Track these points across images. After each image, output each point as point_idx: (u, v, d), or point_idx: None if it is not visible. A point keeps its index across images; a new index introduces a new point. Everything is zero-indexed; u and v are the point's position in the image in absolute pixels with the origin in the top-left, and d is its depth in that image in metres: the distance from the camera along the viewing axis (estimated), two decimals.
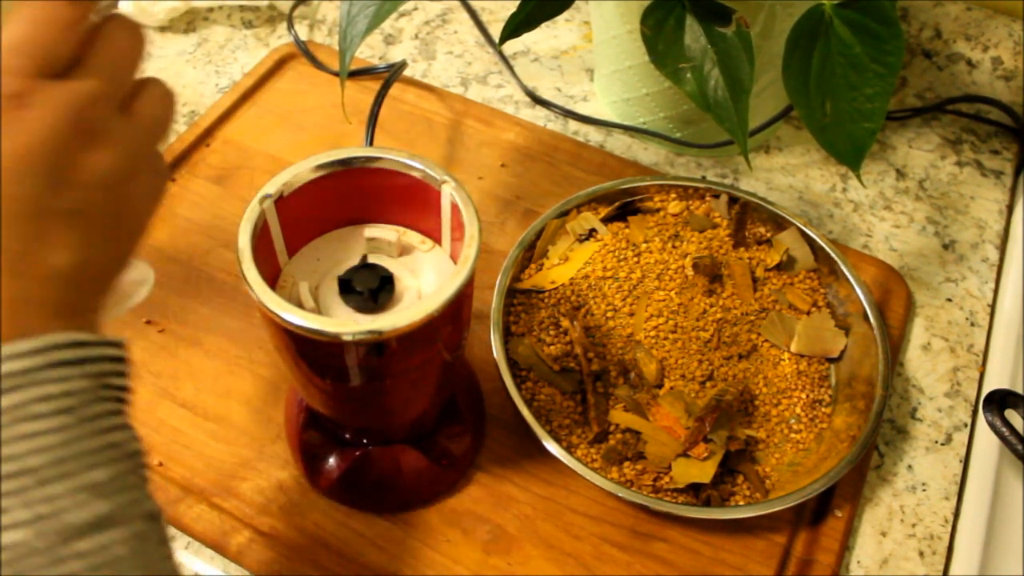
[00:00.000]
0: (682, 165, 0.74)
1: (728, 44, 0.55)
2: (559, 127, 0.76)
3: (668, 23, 0.56)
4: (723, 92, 0.55)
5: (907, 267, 0.68)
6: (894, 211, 0.72)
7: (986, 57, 0.75)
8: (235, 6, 0.85)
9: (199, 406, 0.58)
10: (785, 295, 0.61)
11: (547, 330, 0.58)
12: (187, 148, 0.72)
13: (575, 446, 0.54)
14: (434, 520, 0.54)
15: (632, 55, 0.69)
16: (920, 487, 0.57)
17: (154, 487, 0.55)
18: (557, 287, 0.60)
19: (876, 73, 0.53)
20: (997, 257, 0.69)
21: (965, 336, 0.64)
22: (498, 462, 0.56)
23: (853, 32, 0.53)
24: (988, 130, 0.78)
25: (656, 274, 0.61)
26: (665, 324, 0.58)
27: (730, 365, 0.58)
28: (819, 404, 0.58)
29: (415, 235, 0.49)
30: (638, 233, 0.63)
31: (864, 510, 0.56)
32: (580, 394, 0.56)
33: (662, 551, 0.53)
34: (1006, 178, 0.74)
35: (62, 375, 0.30)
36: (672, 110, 0.72)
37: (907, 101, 0.79)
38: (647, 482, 0.53)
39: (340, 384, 0.44)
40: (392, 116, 0.75)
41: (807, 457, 0.55)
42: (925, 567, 0.54)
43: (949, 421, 0.60)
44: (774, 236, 0.63)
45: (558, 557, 0.53)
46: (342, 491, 0.54)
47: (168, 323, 0.62)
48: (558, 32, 0.85)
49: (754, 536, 0.54)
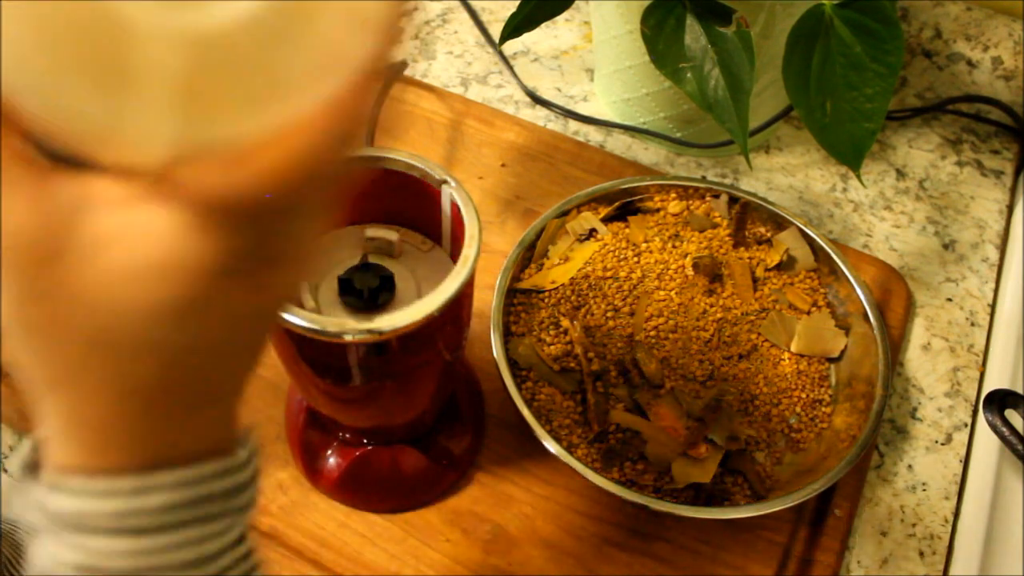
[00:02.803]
0: (682, 165, 0.74)
1: (728, 44, 0.55)
2: (559, 127, 0.76)
3: (668, 23, 0.56)
4: (723, 92, 0.55)
5: (907, 267, 0.68)
6: (894, 211, 0.72)
7: (986, 57, 0.75)
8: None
9: None
10: (785, 295, 0.61)
11: (547, 330, 0.58)
12: None
13: (575, 446, 0.54)
14: (434, 520, 0.54)
15: (632, 55, 0.69)
16: (920, 487, 0.57)
17: None
18: (557, 287, 0.60)
19: (876, 73, 0.53)
20: (997, 257, 0.69)
21: (965, 336, 0.64)
22: (498, 462, 0.56)
23: (853, 32, 0.53)
24: (988, 130, 0.78)
25: (656, 274, 0.61)
26: (665, 324, 0.58)
27: (730, 365, 0.58)
28: (819, 404, 0.58)
29: (415, 235, 0.49)
30: (638, 233, 0.63)
31: (864, 510, 0.56)
32: (580, 394, 0.56)
33: (662, 551, 0.53)
34: (1006, 178, 0.74)
35: (209, 513, 0.26)
36: (672, 110, 0.72)
37: (907, 101, 0.79)
38: (647, 482, 0.53)
39: (340, 384, 0.44)
40: (392, 116, 0.75)
41: (807, 457, 0.55)
42: (925, 567, 0.54)
43: (949, 421, 0.60)
44: (774, 236, 0.63)
45: (558, 557, 0.53)
46: (342, 491, 0.54)
47: None
48: (558, 32, 0.85)
49: (754, 536, 0.54)
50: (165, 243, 0.22)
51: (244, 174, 0.21)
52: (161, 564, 0.25)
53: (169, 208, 0.22)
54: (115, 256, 0.22)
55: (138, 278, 0.22)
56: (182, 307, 0.23)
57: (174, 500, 0.25)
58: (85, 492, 0.25)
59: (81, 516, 0.25)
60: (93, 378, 0.24)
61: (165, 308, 0.23)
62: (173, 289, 0.23)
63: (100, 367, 0.24)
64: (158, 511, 0.25)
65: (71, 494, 0.25)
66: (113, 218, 0.22)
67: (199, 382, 0.25)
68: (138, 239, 0.22)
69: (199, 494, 0.26)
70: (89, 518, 0.24)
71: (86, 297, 0.22)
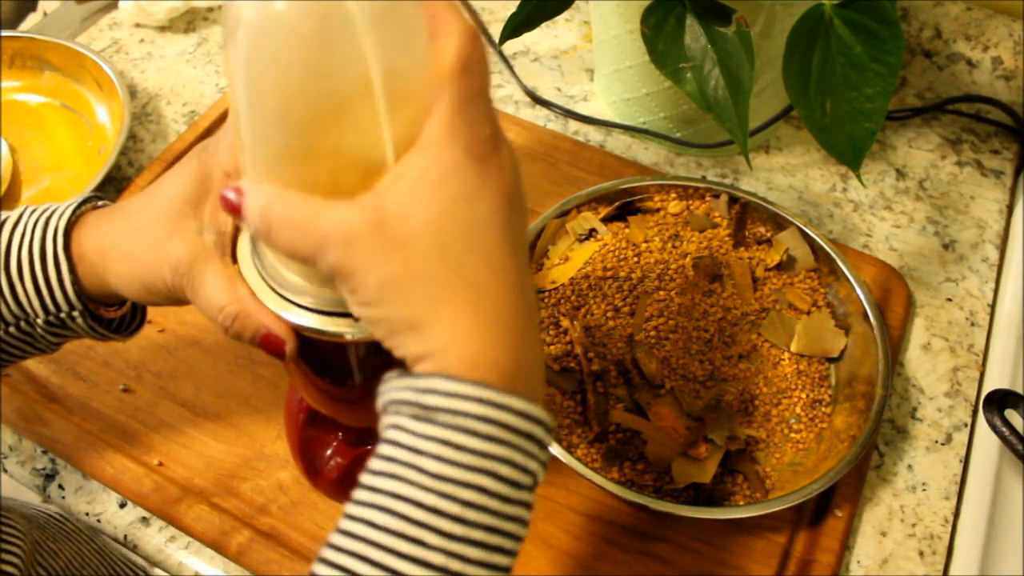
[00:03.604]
0: (682, 165, 0.74)
1: (728, 44, 0.55)
2: (559, 127, 0.76)
3: (668, 23, 0.56)
4: (723, 92, 0.55)
5: (907, 267, 0.68)
6: (894, 211, 0.72)
7: (986, 57, 0.75)
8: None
9: (199, 406, 0.58)
10: (785, 295, 0.61)
11: (547, 330, 0.58)
12: (187, 148, 0.72)
13: (575, 446, 0.54)
14: None
15: (632, 55, 0.69)
16: (920, 487, 0.57)
17: (154, 487, 0.55)
18: (557, 287, 0.60)
19: (876, 73, 0.53)
20: (997, 257, 0.69)
21: (965, 336, 0.64)
22: None
23: (853, 32, 0.53)
24: (988, 130, 0.77)
25: (656, 274, 0.61)
26: (665, 324, 0.58)
27: (730, 365, 0.58)
28: (819, 404, 0.58)
29: None
30: (638, 233, 0.63)
31: (864, 510, 0.56)
32: (580, 394, 0.56)
33: (662, 551, 0.53)
34: (1006, 178, 0.74)
35: (530, 451, 0.31)
36: (672, 110, 0.72)
37: (907, 101, 0.79)
38: (647, 482, 0.53)
39: (340, 384, 0.44)
40: None
41: (807, 457, 0.55)
42: (925, 567, 0.54)
43: (949, 421, 0.60)
44: (774, 236, 0.63)
45: (558, 557, 0.53)
46: (342, 491, 0.54)
47: (168, 323, 0.62)
48: (558, 32, 0.85)
49: (754, 536, 0.54)
50: (435, 160, 0.30)
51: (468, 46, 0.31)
52: (479, 467, 0.29)
53: (428, 140, 0.31)
54: (415, 192, 0.30)
55: (438, 192, 0.30)
56: (475, 188, 0.31)
57: (520, 426, 0.30)
58: (461, 391, 0.30)
59: (449, 408, 0.30)
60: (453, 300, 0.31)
61: (463, 196, 0.31)
62: (459, 183, 0.31)
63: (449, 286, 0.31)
64: (504, 427, 0.30)
65: (451, 385, 0.30)
66: (397, 180, 0.31)
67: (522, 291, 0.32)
68: (419, 174, 0.31)
69: (531, 431, 0.31)
70: (454, 413, 0.30)
71: (419, 228, 0.30)
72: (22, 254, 0.40)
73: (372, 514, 0.30)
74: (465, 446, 0.29)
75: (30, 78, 0.78)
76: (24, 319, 0.41)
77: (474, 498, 0.29)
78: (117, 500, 0.55)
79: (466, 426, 0.30)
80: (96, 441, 0.56)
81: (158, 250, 0.38)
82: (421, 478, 0.29)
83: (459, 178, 0.31)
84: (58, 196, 0.71)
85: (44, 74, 0.78)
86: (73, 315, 0.41)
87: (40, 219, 0.40)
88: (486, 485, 0.30)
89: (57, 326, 0.41)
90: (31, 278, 0.39)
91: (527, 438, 0.31)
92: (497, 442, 0.30)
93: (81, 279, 0.40)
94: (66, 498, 0.56)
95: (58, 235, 0.40)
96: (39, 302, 0.40)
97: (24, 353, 0.43)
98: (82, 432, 0.57)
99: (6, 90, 0.78)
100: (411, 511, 0.29)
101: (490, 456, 0.30)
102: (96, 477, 0.55)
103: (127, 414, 0.58)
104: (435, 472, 0.29)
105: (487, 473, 0.30)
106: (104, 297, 0.41)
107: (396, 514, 0.29)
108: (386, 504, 0.29)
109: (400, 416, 0.31)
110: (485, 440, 0.30)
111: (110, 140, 0.74)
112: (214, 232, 0.38)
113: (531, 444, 0.31)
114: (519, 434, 0.30)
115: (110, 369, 0.60)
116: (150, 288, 0.39)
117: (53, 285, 0.40)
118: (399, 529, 0.29)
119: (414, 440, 0.30)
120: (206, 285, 0.37)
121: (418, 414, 0.30)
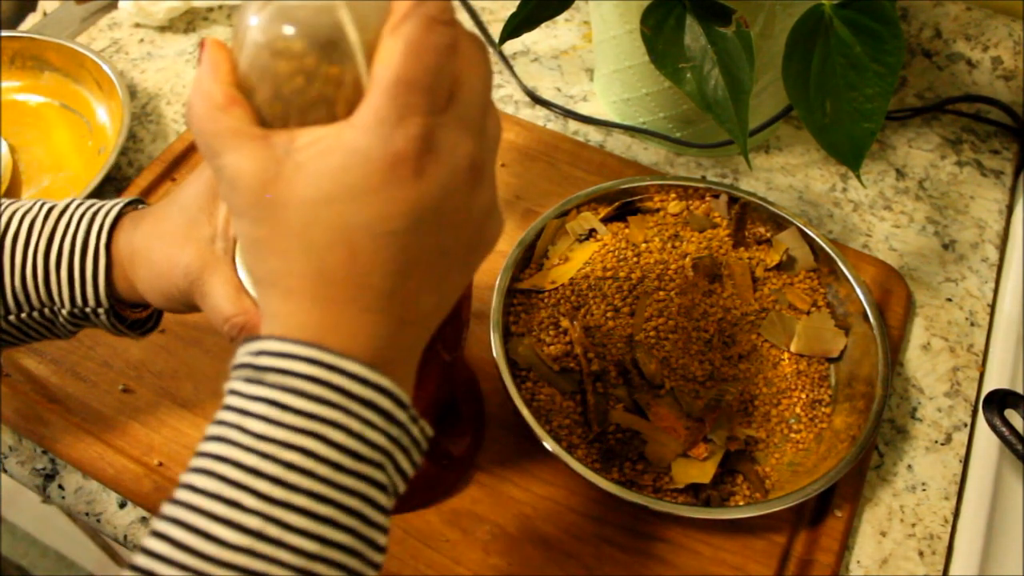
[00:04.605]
0: (682, 165, 0.74)
1: (728, 44, 0.55)
2: (559, 127, 0.76)
3: (668, 23, 0.56)
4: (723, 92, 0.55)
5: (907, 267, 0.68)
6: (894, 211, 0.72)
7: (986, 57, 0.75)
8: (235, 6, 0.85)
9: (199, 406, 0.58)
10: (785, 295, 0.61)
11: (547, 330, 0.58)
12: (187, 147, 0.72)
13: (575, 446, 0.54)
14: (434, 520, 0.54)
15: (632, 55, 0.69)
16: (920, 487, 0.57)
17: (154, 487, 0.55)
18: (557, 287, 0.60)
19: (876, 73, 0.53)
20: (997, 257, 0.69)
21: (965, 336, 0.64)
22: (498, 462, 0.56)
23: (853, 32, 0.53)
24: (988, 130, 0.77)
25: (656, 274, 0.61)
26: (665, 324, 0.58)
27: (730, 365, 0.58)
28: (819, 404, 0.58)
29: None
30: (638, 233, 0.63)
31: (864, 510, 0.56)
32: (580, 394, 0.56)
33: (662, 551, 0.53)
34: (1006, 178, 0.74)
35: (369, 419, 0.29)
36: (672, 110, 0.72)
37: (907, 101, 0.79)
38: (647, 482, 0.53)
39: None
40: None
41: (807, 457, 0.55)
42: (925, 567, 0.54)
43: (949, 421, 0.60)
44: (774, 236, 0.63)
45: (558, 557, 0.53)
46: None
47: (168, 323, 0.62)
48: (558, 32, 0.85)
49: (754, 536, 0.54)
50: (349, 142, 0.29)
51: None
52: (304, 428, 0.28)
53: (355, 119, 0.29)
54: (315, 165, 0.29)
55: (333, 175, 0.29)
56: (372, 187, 0.29)
57: (355, 390, 0.29)
58: (291, 351, 0.29)
59: (277, 367, 0.29)
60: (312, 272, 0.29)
61: (357, 191, 0.29)
62: (358, 175, 0.28)
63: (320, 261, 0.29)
64: (336, 389, 0.29)
65: (282, 346, 0.29)
66: (314, 143, 0.29)
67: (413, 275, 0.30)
68: (331, 147, 0.29)
69: (372, 398, 0.29)
70: (283, 372, 0.29)
71: (296, 203, 0.29)
72: (64, 244, 0.40)
73: (194, 478, 0.28)
74: (291, 406, 0.28)
75: (30, 78, 0.79)
76: (50, 307, 0.41)
77: (297, 460, 0.28)
78: (117, 500, 0.55)
79: (293, 386, 0.28)
80: (96, 441, 0.56)
81: (173, 259, 0.38)
82: (244, 438, 0.28)
83: (359, 172, 0.28)
84: (58, 196, 0.71)
85: (44, 74, 0.78)
86: (99, 311, 0.41)
87: (87, 213, 0.41)
88: (312, 448, 0.28)
89: (80, 318, 0.42)
90: (67, 270, 0.40)
91: (366, 405, 0.29)
92: (327, 404, 0.28)
93: (113, 279, 0.41)
94: (66, 498, 0.56)
95: (103, 231, 0.40)
96: (69, 294, 0.40)
97: (41, 336, 0.44)
98: (82, 432, 0.57)
99: (6, 90, 0.78)
100: (230, 471, 0.28)
101: (317, 418, 0.28)
102: (96, 477, 0.55)
103: (127, 414, 0.58)
104: (258, 432, 0.28)
105: (314, 435, 0.28)
106: (131, 299, 0.42)
107: (215, 475, 0.28)
108: (208, 466, 0.28)
109: (235, 381, 0.30)
110: (313, 401, 0.28)
111: (110, 140, 0.74)
112: (225, 240, 0.38)
113: (372, 413, 0.29)
114: (355, 399, 0.29)
115: (110, 369, 0.60)
116: (167, 296, 0.39)
117: (87, 280, 0.40)
118: (216, 491, 0.28)
119: (243, 402, 0.29)
120: (213, 294, 0.38)
121: (250, 376, 0.29)
